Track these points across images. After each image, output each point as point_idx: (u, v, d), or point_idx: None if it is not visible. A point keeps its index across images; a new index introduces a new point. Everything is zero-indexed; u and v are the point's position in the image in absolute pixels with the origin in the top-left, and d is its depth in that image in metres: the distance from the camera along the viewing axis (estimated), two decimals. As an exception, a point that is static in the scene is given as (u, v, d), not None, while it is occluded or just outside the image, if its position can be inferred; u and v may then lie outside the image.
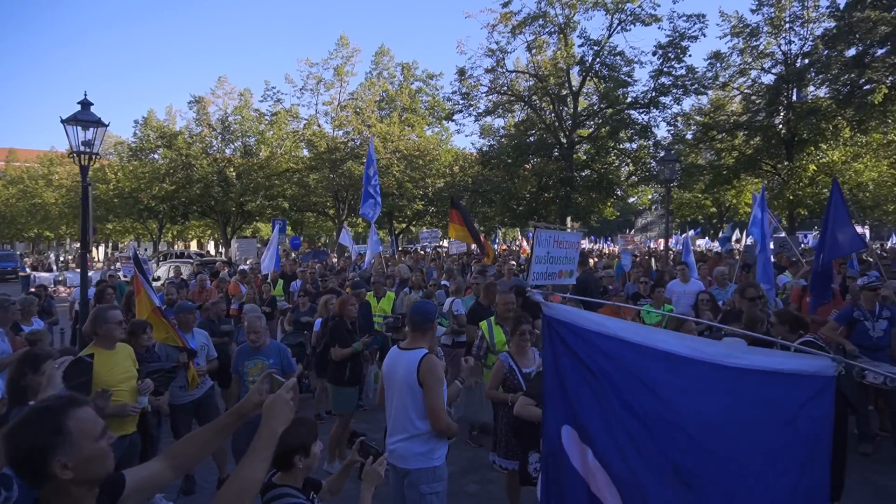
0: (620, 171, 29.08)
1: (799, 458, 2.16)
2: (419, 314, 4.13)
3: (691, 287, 9.40)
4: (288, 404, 2.16)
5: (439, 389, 3.89)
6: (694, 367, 2.24)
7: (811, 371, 2.17)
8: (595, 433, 2.35)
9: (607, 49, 25.64)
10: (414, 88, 37.80)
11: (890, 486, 6.08)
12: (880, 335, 7.05)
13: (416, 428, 3.91)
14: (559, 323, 2.52)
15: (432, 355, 4.02)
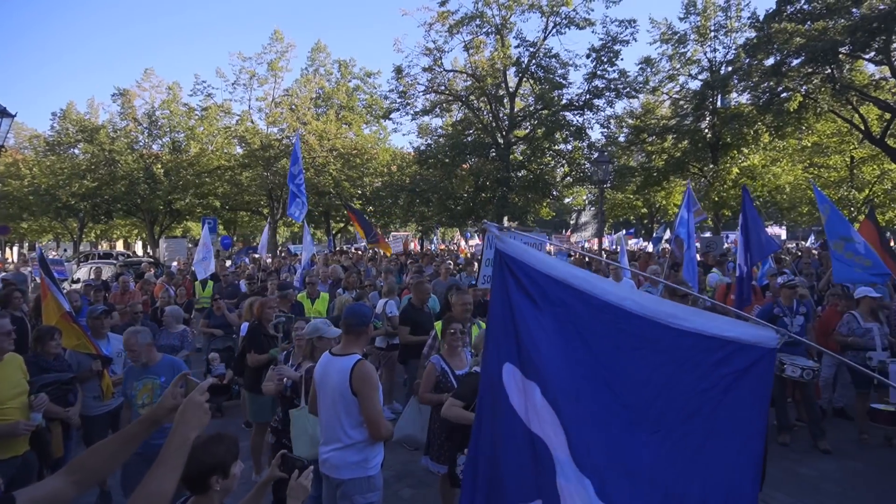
0: (556, 172, 29.62)
1: (709, 425, 2.13)
2: (352, 317, 3.95)
3: (624, 286, 9.56)
4: (202, 408, 1.97)
5: (375, 397, 3.75)
6: (635, 322, 2.22)
7: (752, 340, 2.14)
8: (541, 369, 2.27)
9: (543, 51, 26.05)
10: (351, 86, 37.28)
11: (807, 473, 6.32)
12: (797, 330, 7.35)
13: (349, 437, 3.76)
14: (510, 258, 2.46)
15: (366, 362, 3.87)
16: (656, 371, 2.18)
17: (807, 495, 5.83)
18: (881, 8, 18.95)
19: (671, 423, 2.15)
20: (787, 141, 27.08)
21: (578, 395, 2.23)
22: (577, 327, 2.29)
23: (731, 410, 2.12)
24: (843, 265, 8.64)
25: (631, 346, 2.22)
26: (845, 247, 8.66)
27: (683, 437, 2.14)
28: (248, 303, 7.60)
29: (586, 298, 2.30)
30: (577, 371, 2.25)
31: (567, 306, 2.32)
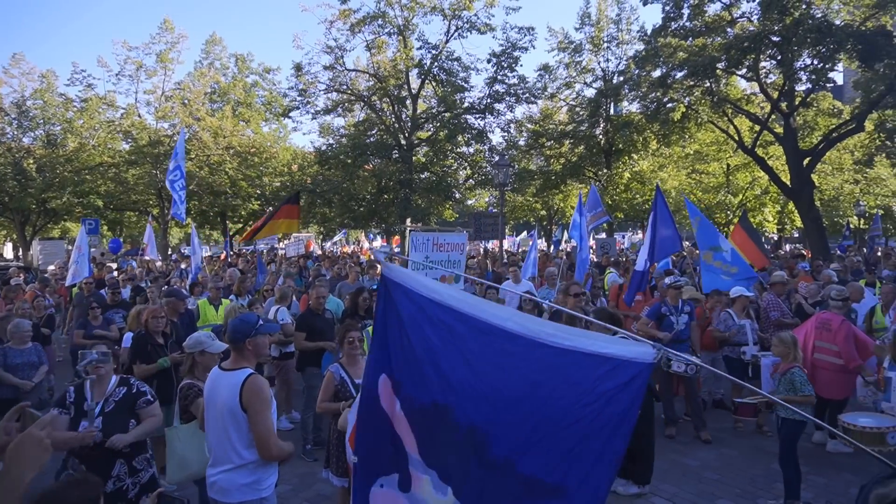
0: (458, 174, 29.95)
1: (596, 442, 2.21)
2: (234, 330, 3.72)
3: (522, 288, 9.76)
4: (41, 444, 1.68)
5: (267, 413, 3.54)
6: (517, 342, 2.30)
7: (631, 356, 2.20)
8: (403, 388, 2.58)
9: (445, 54, 26.26)
10: (249, 82, 35.86)
11: (692, 464, 6.70)
12: (682, 328, 7.79)
13: (240, 457, 3.52)
14: (393, 284, 2.65)
15: (258, 376, 3.64)
16: (536, 388, 2.26)
17: (690, 484, 6.17)
18: (751, 30, 20.65)
19: (547, 432, 2.23)
20: (673, 148, 28.98)
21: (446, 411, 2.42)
22: (459, 347, 2.42)
23: (607, 419, 2.20)
24: (711, 274, 9.27)
25: (511, 364, 2.31)
26: (714, 256, 9.29)
27: (557, 441, 2.24)
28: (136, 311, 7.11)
29: (468, 320, 2.41)
30: (450, 385, 2.41)
31: (449, 327, 2.45)
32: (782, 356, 5.59)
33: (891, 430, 4.63)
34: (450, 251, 6.98)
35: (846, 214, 33.35)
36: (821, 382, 6.71)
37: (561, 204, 34.41)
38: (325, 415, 4.98)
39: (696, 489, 6.07)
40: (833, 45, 18.88)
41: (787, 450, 5.44)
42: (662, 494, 5.93)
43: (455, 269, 7.05)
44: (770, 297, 8.72)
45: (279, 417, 7.89)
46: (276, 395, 8.04)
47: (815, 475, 6.36)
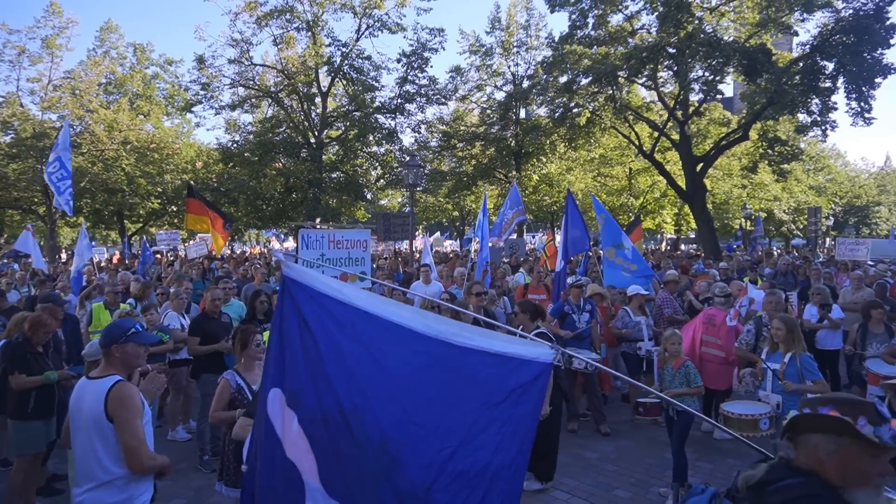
0: (369, 174, 29.69)
1: (499, 438, 2.25)
2: (103, 336, 3.44)
3: (432, 288, 9.74)
4: None
5: (136, 422, 3.25)
6: (423, 342, 2.28)
7: (531, 357, 2.28)
8: (303, 398, 2.35)
9: (355, 52, 25.95)
10: (149, 73, 33.93)
11: (591, 457, 6.90)
12: (584, 326, 8.04)
13: (108, 473, 3.22)
14: (296, 284, 2.45)
15: (125, 382, 3.35)
16: (445, 388, 2.25)
17: (589, 476, 6.35)
18: (650, 41, 21.79)
19: (462, 436, 2.22)
20: (579, 152, 30.08)
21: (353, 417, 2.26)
22: (367, 347, 2.33)
23: (518, 423, 2.25)
24: (613, 270, 9.70)
25: (420, 364, 2.28)
26: (616, 253, 9.72)
27: (475, 451, 2.22)
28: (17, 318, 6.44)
29: (374, 320, 2.34)
30: (358, 390, 2.28)
31: (355, 326, 2.35)
32: (675, 353, 5.86)
33: (763, 417, 4.96)
34: (350, 248, 6.73)
35: (735, 217, 35.84)
36: (708, 374, 7.12)
37: (473, 205, 34.87)
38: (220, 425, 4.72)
39: (594, 481, 6.26)
40: (722, 59, 20.26)
41: (681, 438, 5.72)
42: (563, 488, 6.07)
43: (358, 266, 6.83)
44: (664, 294, 9.17)
45: (175, 428, 7.48)
46: (171, 404, 7.63)
47: (704, 461, 6.74)
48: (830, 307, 8.55)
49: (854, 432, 1.80)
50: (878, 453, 1.80)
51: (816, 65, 20.69)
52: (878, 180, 64.21)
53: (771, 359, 5.42)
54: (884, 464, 1.82)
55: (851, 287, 9.90)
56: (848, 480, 1.82)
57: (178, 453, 6.94)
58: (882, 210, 57.81)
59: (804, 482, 1.85)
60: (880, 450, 1.80)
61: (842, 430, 1.82)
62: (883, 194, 61.35)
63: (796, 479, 1.85)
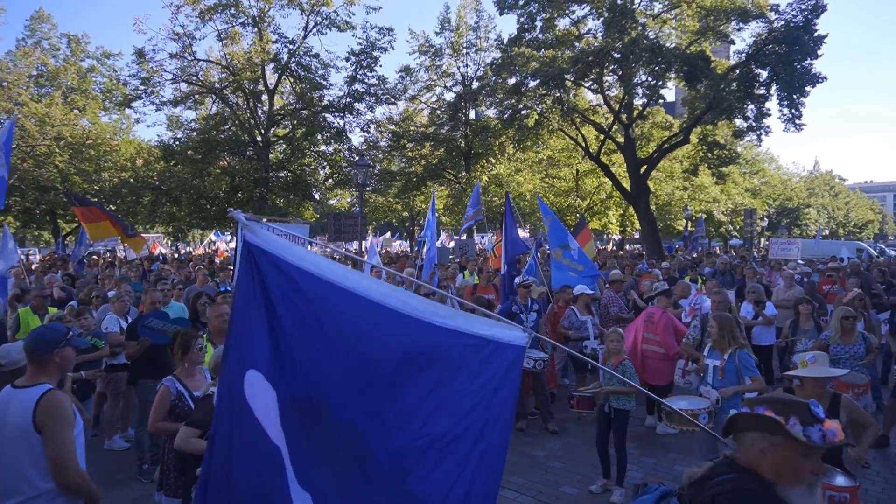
0: (318, 174, 29.29)
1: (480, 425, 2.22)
2: (33, 342, 3.25)
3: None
4: None
5: (66, 433, 3.08)
6: (401, 321, 2.17)
7: (508, 339, 2.29)
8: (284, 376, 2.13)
9: (303, 49, 25.57)
10: (85, 66, 32.45)
11: (540, 455, 6.99)
12: (532, 325, 8.13)
13: (34, 487, 3.05)
14: (260, 251, 2.15)
15: (56, 392, 3.18)
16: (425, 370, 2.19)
17: (537, 474, 6.43)
18: (595, 46, 22.28)
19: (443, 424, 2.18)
20: (527, 153, 30.48)
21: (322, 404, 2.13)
22: (339, 324, 2.16)
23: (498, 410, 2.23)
24: (561, 271, 9.90)
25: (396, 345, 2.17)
26: (563, 254, 9.92)
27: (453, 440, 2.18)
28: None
29: (348, 296, 2.16)
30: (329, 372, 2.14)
31: (326, 302, 2.16)
32: (615, 351, 6.00)
33: (702, 412, 5.13)
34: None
35: (677, 218, 37.01)
36: (649, 370, 7.36)
37: (422, 205, 34.88)
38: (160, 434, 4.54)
39: (542, 479, 6.35)
40: (664, 64, 20.91)
41: (622, 436, 5.86)
42: (511, 486, 6.12)
43: None
44: (610, 293, 9.39)
45: (112, 436, 7.17)
46: (109, 412, 7.31)
47: (647, 456, 6.92)
48: (765, 304, 8.93)
49: (784, 431, 1.88)
50: (808, 452, 1.88)
51: (751, 72, 21.62)
52: (808, 183, 67.59)
53: (712, 355, 5.61)
54: (816, 463, 1.90)
55: (784, 285, 10.36)
56: (781, 477, 1.90)
57: (116, 463, 6.68)
58: (811, 212, 60.82)
59: (738, 478, 1.92)
60: (811, 449, 1.87)
61: (774, 429, 1.90)
62: (812, 197, 64.58)
63: (732, 475, 1.93)
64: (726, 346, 5.49)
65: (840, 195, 76.26)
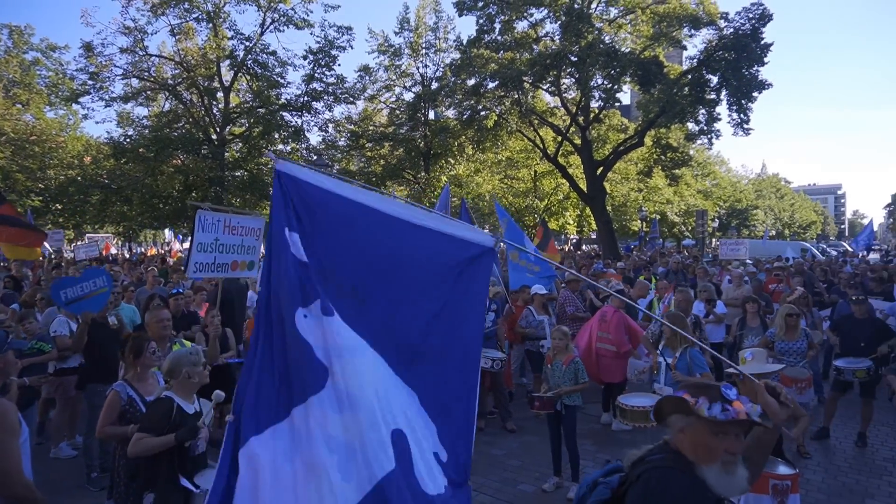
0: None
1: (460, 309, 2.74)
2: None
3: None
4: None
5: (10, 442, 2.96)
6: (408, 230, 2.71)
7: (477, 240, 2.78)
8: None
9: (260, 47, 25.12)
10: (28, 59, 31.15)
11: (498, 454, 7.06)
12: (489, 325, 8.18)
13: None
14: (290, 179, 2.60)
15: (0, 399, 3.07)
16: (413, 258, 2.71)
17: (495, 472, 6.49)
18: (553, 49, 22.60)
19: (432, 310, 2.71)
20: (486, 154, 30.67)
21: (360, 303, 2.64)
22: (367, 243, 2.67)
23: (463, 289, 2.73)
24: (517, 272, 10.03)
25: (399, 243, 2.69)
26: (519, 255, 10.03)
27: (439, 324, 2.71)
28: None
29: (368, 211, 2.67)
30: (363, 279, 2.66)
31: (355, 223, 2.65)
32: (562, 348, 6.09)
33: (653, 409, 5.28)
34: (244, 235, 6.29)
35: (633, 219, 37.82)
36: (603, 368, 7.51)
37: (382, 206, 34.66)
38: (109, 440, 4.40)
39: (500, 477, 6.41)
40: (619, 68, 21.36)
41: (573, 432, 5.97)
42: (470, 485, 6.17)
43: (249, 255, 6.39)
44: (566, 293, 9.53)
45: (59, 444, 6.92)
46: (56, 418, 7.05)
47: (602, 452, 7.06)
48: (715, 303, 9.22)
49: (691, 410, 2.06)
50: (718, 430, 2.04)
51: (703, 78, 22.29)
52: (756, 186, 69.99)
53: (665, 352, 5.77)
54: (730, 442, 2.04)
55: (733, 284, 10.71)
56: (699, 456, 2.06)
57: (63, 471, 6.46)
58: (759, 213, 63.01)
59: (664, 458, 2.11)
60: (718, 426, 2.03)
61: (686, 409, 2.09)
62: (760, 199, 66.89)
63: (660, 455, 2.12)
64: (678, 344, 5.65)
65: (786, 197, 79.25)
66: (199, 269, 5.89)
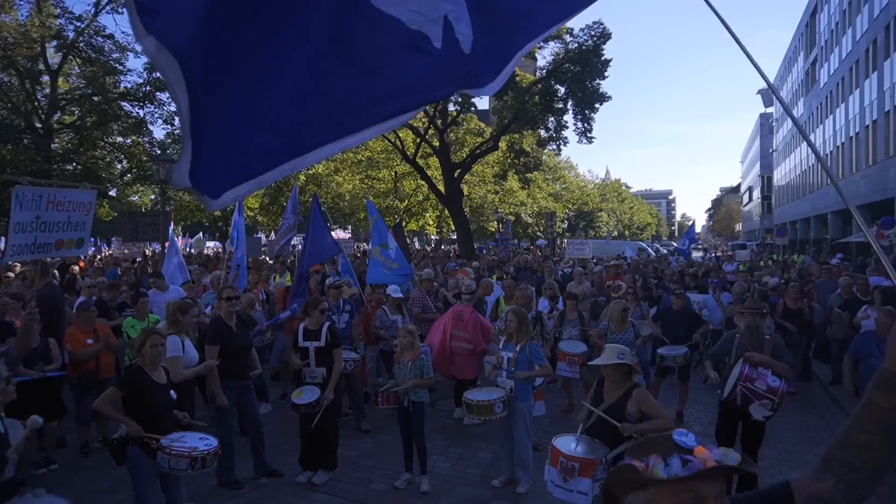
0: (114, 167, 26.32)
1: None
2: None
3: (171, 295, 8.93)
4: None
5: None
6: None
7: None
8: None
9: (94, 28, 22.79)
10: None
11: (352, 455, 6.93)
12: (343, 326, 8.09)
13: None
14: None
15: None
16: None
17: (349, 474, 6.42)
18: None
19: None
20: (347, 153, 30.36)
21: None
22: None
23: None
24: (376, 267, 10.09)
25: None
26: (381, 252, 10.09)
27: None
28: None
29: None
30: None
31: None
32: (408, 346, 6.21)
33: (497, 402, 5.56)
34: (70, 211, 5.70)
35: (489, 220, 39.34)
36: (457, 366, 7.73)
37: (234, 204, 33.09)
38: None
39: (353, 477, 6.37)
40: (475, 73, 22.08)
41: (420, 428, 6.09)
42: (322, 488, 6.06)
43: (77, 232, 5.84)
44: (416, 293, 9.67)
45: None
46: None
47: (454, 446, 7.27)
48: (558, 299, 9.84)
49: (645, 478, 1.51)
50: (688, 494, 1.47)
51: (551, 87, 23.75)
52: (601, 190, 75.82)
53: (506, 348, 6.06)
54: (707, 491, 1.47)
55: (575, 281, 11.50)
56: None
57: None
58: (603, 215, 68.40)
59: None
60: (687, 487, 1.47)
61: (637, 478, 1.52)
62: (604, 202, 72.59)
63: None
64: (522, 337, 5.97)
65: (626, 201, 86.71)
66: (16, 251, 5.24)
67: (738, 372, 5.31)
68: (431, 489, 6.01)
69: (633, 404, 4.11)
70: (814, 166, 41.46)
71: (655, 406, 4.20)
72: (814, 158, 41.06)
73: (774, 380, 5.16)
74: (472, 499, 5.94)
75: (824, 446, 1.67)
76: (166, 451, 4.35)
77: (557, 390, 9.03)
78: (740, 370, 5.31)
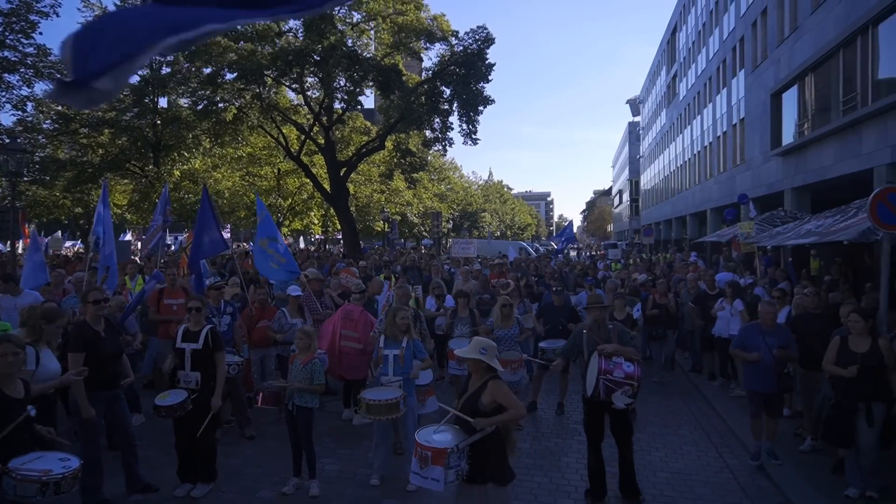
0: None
1: None
2: None
3: (23, 300, 8.02)
4: None
5: None
6: None
7: None
8: None
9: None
10: None
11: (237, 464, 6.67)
12: (224, 329, 7.73)
13: None
14: None
15: None
16: None
17: (232, 483, 6.14)
18: (296, 45, 22.26)
19: None
20: (226, 149, 28.99)
21: None
22: None
23: None
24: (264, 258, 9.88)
25: None
26: (269, 245, 9.84)
27: None
28: None
29: None
30: None
31: None
32: (304, 348, 6.06)
33: (399, 400, 5.62)
34: None
35: (376, 219, 39.15)
36: (347, 366, 7.64)
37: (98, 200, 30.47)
38: None
39: (238, 486, 6.10)
40: (361, 72, 21.94)
41: (307, 432, 5.95)
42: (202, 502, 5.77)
43: None
44: (306, 293, 9.44)
45: None
46: None
47: (344, 447, 7.18)
48: (445, 297, 10.01)
49: None
50: None
51: (437, 89, 24.08)
52: (484, 191, 78.02)
53: (390, 346, 6.09)
54: None
55: (461, 280, 11.75)
56: None
57: None
58: (486, 216, 70.41)
59: None
60: None
61: None
62: (487, 203, 74.74)
63: None
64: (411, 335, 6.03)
65: (508, 202, 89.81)
66: None
67: (597, 367, 5.53)
68: (321, 492, 5.90)
69: (487, 395, 4.21)
70: (675, 172, 45.13)
71: (508, 396, 4.25)
72: (675, 164, 44.78)
73: (629, 365, 5.51)
74: (362, 499, 5.90)
75: (687, 428, 1.86)
76: (12, 475, 3.91)
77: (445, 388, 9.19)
78: (598, 365, 5.53)
